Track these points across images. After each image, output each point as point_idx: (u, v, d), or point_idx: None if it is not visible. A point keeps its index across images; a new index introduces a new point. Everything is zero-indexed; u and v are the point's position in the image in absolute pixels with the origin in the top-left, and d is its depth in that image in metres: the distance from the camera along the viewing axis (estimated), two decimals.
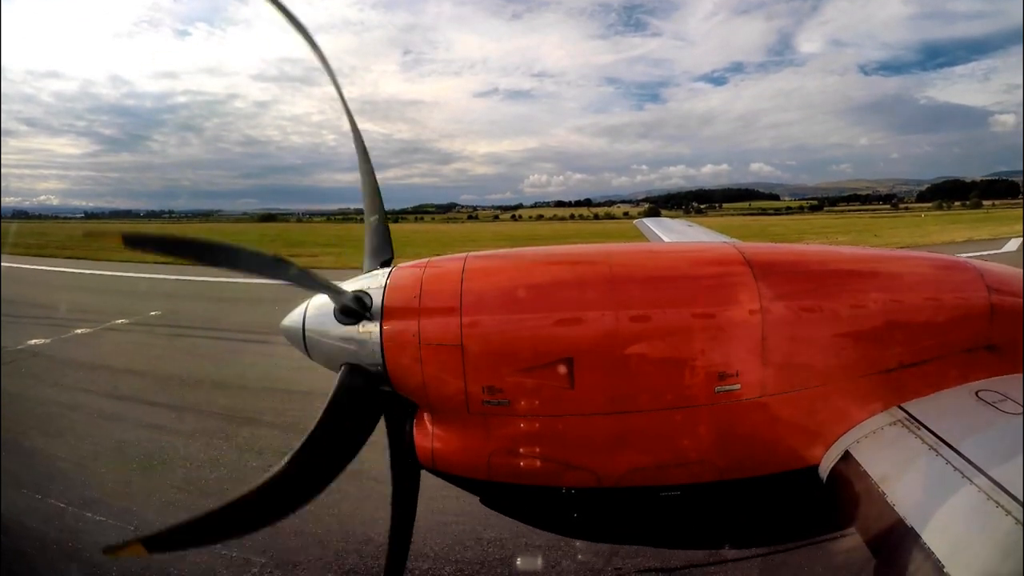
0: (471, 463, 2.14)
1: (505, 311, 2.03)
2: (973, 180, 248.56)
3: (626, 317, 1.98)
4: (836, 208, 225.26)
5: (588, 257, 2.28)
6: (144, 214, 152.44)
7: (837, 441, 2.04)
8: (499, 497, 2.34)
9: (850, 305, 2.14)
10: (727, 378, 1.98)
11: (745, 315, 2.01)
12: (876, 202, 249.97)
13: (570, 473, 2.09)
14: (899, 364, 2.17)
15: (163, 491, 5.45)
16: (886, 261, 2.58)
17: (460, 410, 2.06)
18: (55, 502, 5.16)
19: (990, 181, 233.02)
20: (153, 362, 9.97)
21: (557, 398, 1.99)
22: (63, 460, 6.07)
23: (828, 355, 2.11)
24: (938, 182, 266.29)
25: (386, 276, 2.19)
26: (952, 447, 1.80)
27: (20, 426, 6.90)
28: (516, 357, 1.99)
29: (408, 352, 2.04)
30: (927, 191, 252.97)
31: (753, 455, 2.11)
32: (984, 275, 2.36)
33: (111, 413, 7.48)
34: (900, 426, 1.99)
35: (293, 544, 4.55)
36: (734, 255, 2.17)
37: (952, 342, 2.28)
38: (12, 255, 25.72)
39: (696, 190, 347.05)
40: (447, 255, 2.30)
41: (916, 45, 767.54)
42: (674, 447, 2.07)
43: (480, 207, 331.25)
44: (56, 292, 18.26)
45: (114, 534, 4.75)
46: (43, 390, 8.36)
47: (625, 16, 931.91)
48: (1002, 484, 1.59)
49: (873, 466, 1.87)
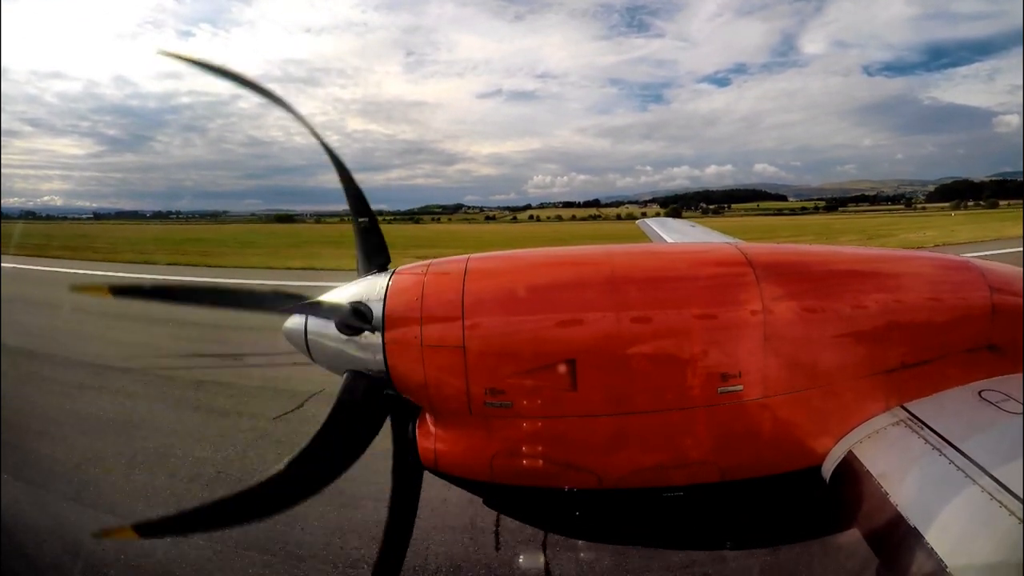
0: (474, 464, 2.14)
1: (507, 312, 2.04)
2: (982, 181, 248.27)
3: (628, 318, 1.98)
4: (850, 208, 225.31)
5: (590, 258, 2.28)
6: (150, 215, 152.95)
7: (840, 441, 2.05)
8: (502, 497, 2.35)
9: (852, 305, 2.14)
10: (730, 379, 1.98)
11: (747, 315, 2.02)
12: (885, 202, 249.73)
13: (572, 474, 2.09)
14: (901, 364, 2.17)
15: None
16: (888, 261, 2.58)
17: (462, 412, 2.06)
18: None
19: (999, 181, 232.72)
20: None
21: (559, 399, 2.00)
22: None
23: (830, 355, 2.11)
24: (946, 182, 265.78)
25: (387, 281, 2.19)
26: (955, 447, 1.80)
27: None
28: (518, 358, 2.00)
29: (410, 355, 2.04)
30: (935, 191, 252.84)
31: (756, 456, 2.11)
32: (986, 275, 2.37)
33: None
34: (903, 426, 2.00)
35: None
36: (736, 255, 2.18)
37: (954, 342, 2.28)
38: (42, 256, 25.97)
39: (702, 191, 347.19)
40: (448, 257, 2.31)
41: (920, 46, 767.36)
42: (676, 448, 2.07)
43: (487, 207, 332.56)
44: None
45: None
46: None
47: (628, 17, 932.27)
48: (1005, 483, 1.60)
49: (876, 466, 1.87)
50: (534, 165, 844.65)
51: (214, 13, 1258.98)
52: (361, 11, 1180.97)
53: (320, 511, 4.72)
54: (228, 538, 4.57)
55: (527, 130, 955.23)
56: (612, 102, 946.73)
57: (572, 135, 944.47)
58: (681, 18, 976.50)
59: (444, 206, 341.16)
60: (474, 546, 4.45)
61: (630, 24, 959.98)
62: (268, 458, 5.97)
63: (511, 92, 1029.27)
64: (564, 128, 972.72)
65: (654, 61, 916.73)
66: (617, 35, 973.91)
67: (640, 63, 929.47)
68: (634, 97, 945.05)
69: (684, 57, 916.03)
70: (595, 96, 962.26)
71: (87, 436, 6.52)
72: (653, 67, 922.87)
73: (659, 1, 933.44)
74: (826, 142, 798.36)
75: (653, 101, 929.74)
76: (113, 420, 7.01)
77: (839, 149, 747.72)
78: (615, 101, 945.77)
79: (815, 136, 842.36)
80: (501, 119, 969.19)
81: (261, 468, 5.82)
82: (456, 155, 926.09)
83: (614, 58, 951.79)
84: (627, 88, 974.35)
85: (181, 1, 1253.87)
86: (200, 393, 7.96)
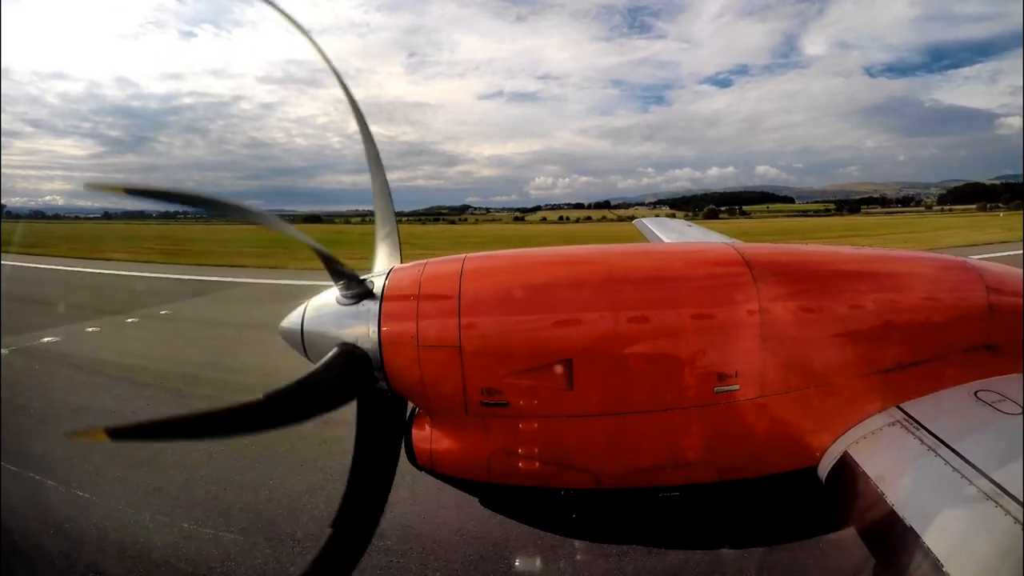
0: (470, 464, 2.13)
1: (503, 312, 2.03)
2: (993, 184, 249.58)
3: (625, 318, 1.98)
4: (877, 210, 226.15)
5: (586, 258, 2.28)
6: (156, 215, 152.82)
7: (836, 441, 2.04)
8: (498, 498, 2.34)
9: (849, 305, 2.14)
10: (726, 379, 1.98)
11: (744, 315, 2.01)
12: (894, 204, 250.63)
13: (569, 474, 2.09)
14: (898, 364, 2.17)
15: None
16: (885, 261, 2.58)
17: (458, 411, 2.06)
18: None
19: (1009, 184, 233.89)
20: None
21: (556, 399, 1.99)
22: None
23: (827, 355, 2.11)
24: (957, 185, 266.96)
25: (384, 278, 2.19)
26: (951, 447, 1.80)
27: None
28: (515, 358, 1.99)
29: (407, 355, 2.03)
30: (948, 194, 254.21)
31: (752, 456, 2.11)
32: (983, 275, 2.37)
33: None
34: (899, 426, 1.99)
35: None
36: (733, 256, 2.17)
37: (951, 342, 2.28)
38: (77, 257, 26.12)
39: (711, 193, 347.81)
40: (445, 256, 2.30)
41: (921, 47, 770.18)
42: (673, 448, 2.07)
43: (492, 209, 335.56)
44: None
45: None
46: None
47: (630, 18, 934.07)
48: (1001, 484, 1.59)
49: (872, 466, 1.87)
50: (536, 167, 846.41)
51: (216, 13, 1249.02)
52: (364, 11, 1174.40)
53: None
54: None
55: (528, 131, 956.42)
56: (614, 103, 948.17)
57: (574, 136, 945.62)
58: (683, 19, 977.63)
59: (452, 208, 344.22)
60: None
61: (632, 25, 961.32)
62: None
63: (513, 93, 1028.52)
64: (565, 129, 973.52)
65: (656, 62, 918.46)
66: (619, 36, 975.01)
67: (642, 64, 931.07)
68: (636, 98, 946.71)
69: (686, 58, 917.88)
70: (597, 97, 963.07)
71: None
72: (655, 68, 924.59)
73: (661, 2, 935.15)
74: (828, 144, 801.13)
75: (655, 102, 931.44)
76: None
77: (841, 151, 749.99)
78: (617, 102, 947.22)
79: (817, 138, 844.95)
80: (502, 120, 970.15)
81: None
82: (457, 156, 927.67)
83: (616, 59, 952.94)
84: (629, 89, 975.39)
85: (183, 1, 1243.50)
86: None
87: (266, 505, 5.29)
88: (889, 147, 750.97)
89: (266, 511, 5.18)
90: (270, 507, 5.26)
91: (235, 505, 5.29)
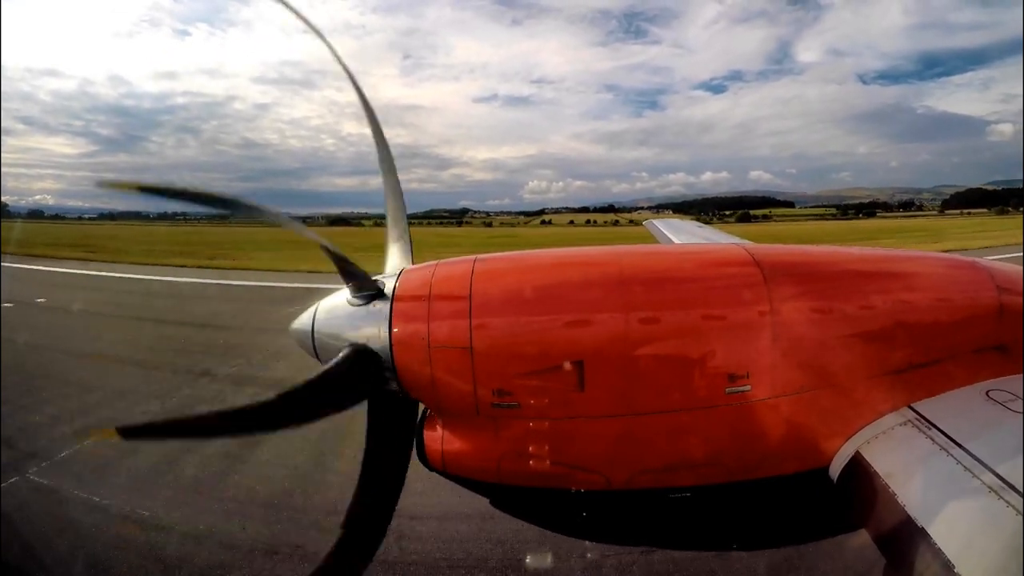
0: (481, 465, 2.15)
1: (514, 313, 2.04)
2: (994, 189, 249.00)
3: (636, 319, 1.98)
4: (895, 214, 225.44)
5: (597, 259, 2.29)
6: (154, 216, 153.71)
7: (847, 442, 2.04)
8: (509, 498, 2.36)
9: (860, 305, 2.14)
10: (737, 379, 1.98)
11: (755, 316, 2.02)
12: (896, 209, 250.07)
13: (580, 475, 2.10)
14: (909, 364, 2.17)
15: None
16: (895, 261, 2.57)
17: (470, 413, 2.07)
18: None
19: (1015, 190, 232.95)
20: None
21: (567, 400, 2.00)
22: None
23: (838, 356, 2.11)
24: (959, 190, 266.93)
25: (395, 279, 2.21)
26: (962, 447, 1.80)
27: None
28: (525, 359, 2.00)
29: (418, 356, 2.05)
30: (951, 198, 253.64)
31: (763, 456, 2.11)
32: (994, 275, 2.36)
33: None
34: (910, 426, 1.99)
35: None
36: (744, 256, 2.18)
37: (962, 342, 2.28)
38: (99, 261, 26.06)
39: (711, 197, 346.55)
40: (455, 257, 2.32)
41: (915, 55, 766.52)
42: (684, 449, 2.07)
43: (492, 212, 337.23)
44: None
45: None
46: None
47: (625, 23, 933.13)
48: (1012, 483, 1.60)
49: (883, 466, 1.87)
50: (530, 170, 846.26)
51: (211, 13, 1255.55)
52: (359, 13, 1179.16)
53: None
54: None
55: (523, 135, 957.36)
56: (608, 108, 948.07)
57: (568, 140, 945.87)
58: (678, 25, 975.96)
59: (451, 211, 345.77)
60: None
61: (627, 30, 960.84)
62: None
63: (507, 97, 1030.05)
64: (560, 133, 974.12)
65: (650, 67, 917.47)
66: (614, 41, 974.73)
67: (636, 69, 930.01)
68: (630, 103, 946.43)
69: (680, 64, 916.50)
70: (591, 102, 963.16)
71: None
72: (649, 73, 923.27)
73: (656, 8, 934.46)
74: (821, 149, 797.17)
75: (649, 107, 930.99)
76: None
77: (834, 156, 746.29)
78: (611, 107, 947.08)
79: (810, 143, 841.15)
80: (497, 124, 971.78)
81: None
82: (451, 160, 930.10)
83: (610, 64, 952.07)
84: (623, 94, 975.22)
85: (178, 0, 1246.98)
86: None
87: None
88: (882, 153, 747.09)
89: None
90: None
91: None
